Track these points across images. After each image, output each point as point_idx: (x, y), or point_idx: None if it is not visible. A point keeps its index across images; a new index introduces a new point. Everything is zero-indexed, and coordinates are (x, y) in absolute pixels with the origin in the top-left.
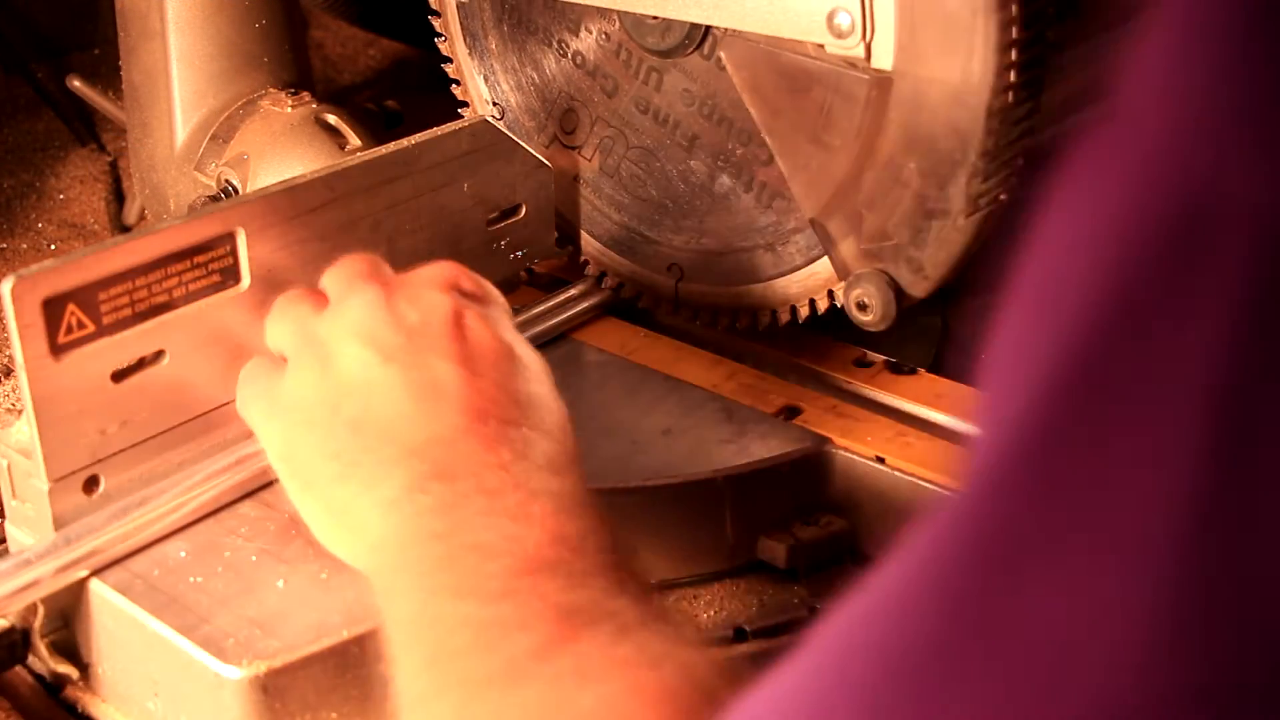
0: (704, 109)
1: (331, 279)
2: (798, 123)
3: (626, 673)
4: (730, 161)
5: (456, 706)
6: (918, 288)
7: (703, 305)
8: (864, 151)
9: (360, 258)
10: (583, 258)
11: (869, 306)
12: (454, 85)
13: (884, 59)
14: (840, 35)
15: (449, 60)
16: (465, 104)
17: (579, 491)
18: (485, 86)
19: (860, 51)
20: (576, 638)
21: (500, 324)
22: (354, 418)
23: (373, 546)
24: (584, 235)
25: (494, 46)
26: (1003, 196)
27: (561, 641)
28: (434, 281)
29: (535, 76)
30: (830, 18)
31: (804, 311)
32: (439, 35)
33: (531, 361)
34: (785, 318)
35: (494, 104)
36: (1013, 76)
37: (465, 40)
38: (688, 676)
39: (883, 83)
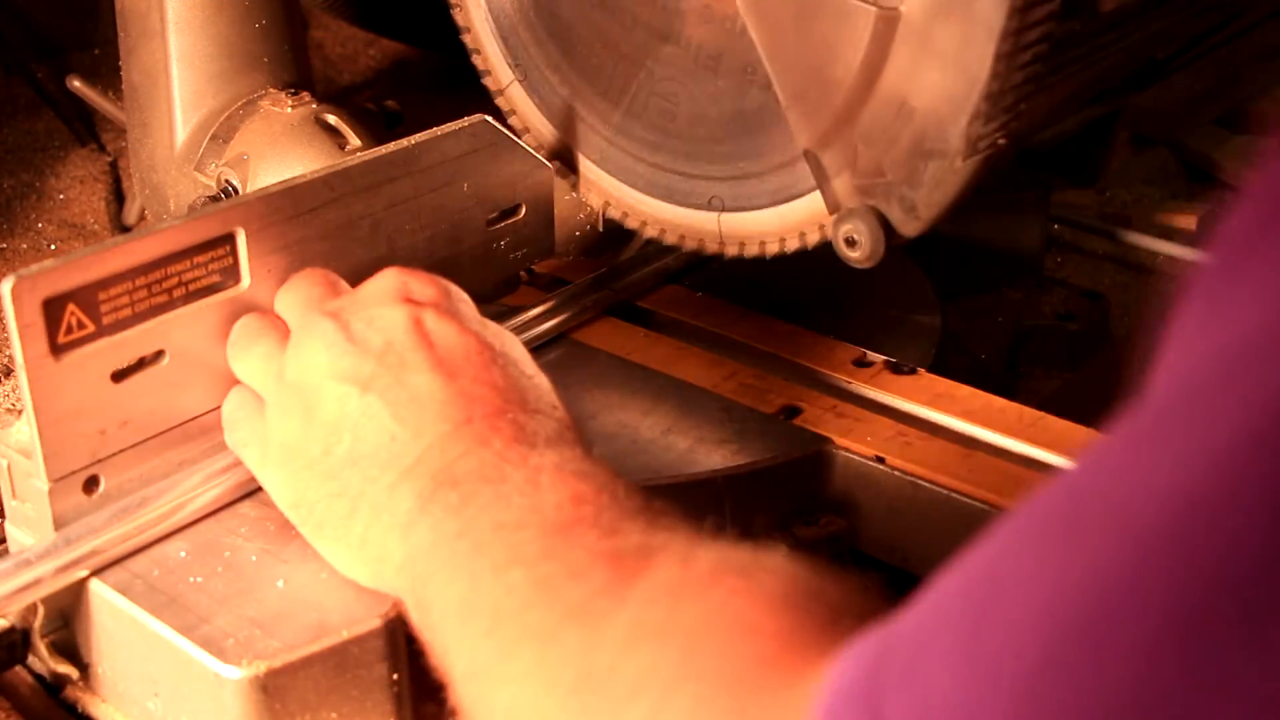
0: (725, 23)
1: (286, 305)
2: (800, 51)
3: (719, 583)
4: (758, 74)
5: (534, 657)
6: (909, 227)
7: (749, 236)
8: (865, 85)
9: (312, 278)
10: (623, 213)
11: (858, 243)
12: (474, 55)
13: None
14: None
15: (466, 29)
16: (487, 72)
17: (582, 456)
18: (505, 50)
19: None
20: (639, 570)
21: (461, 315)
22: (347, 453)
23: (399, 567)
24: (621, 187)
25: (510, 8)
26: (1001, 141)
27: (628, 576)
28: (384, 296)
29: (554, 28)
30: None
31: None
32: (454, 5)
33: (503, 345)
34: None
35: (516, 65)
36: (1024, 19)
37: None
38: (781, 579)
39: (890, 16)
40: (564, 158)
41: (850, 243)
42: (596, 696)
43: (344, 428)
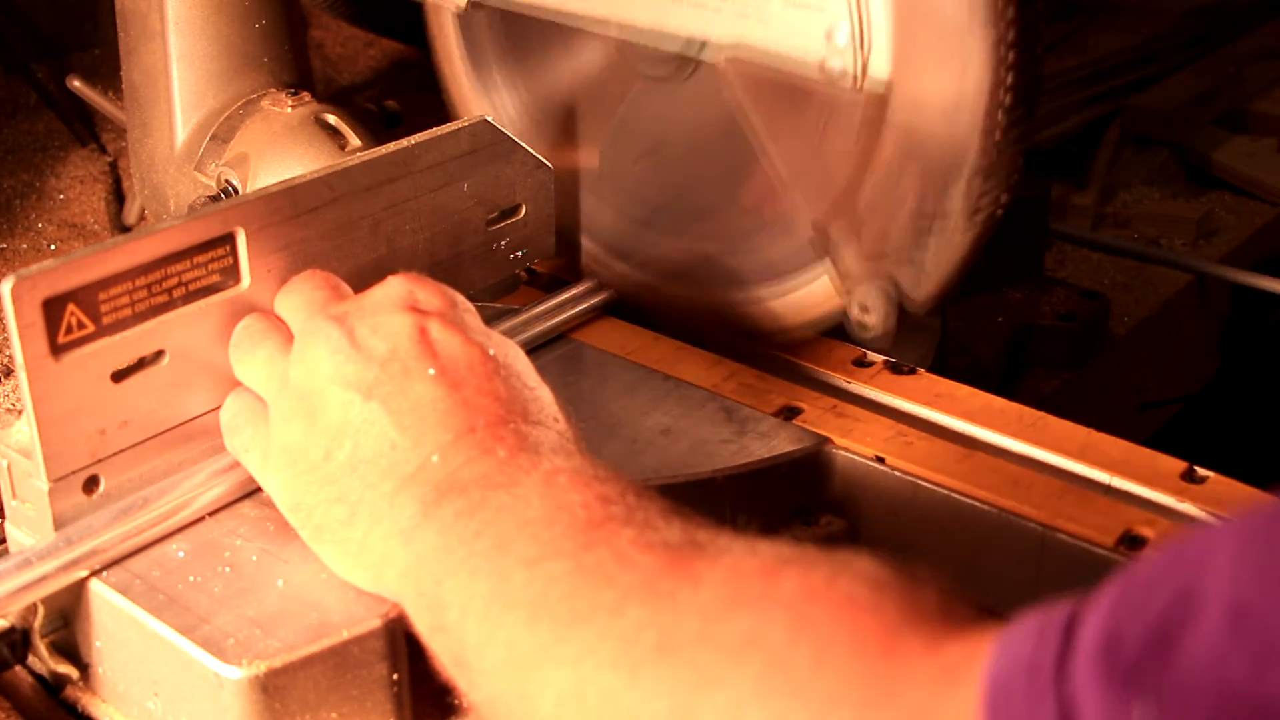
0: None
1: (289, 308)
2: (797, 133)
3: (812, 566)
4: None
5: (593, 635)
6: (919, 292)
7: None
8: (863, 160)
9: (314, 280)
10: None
11: (870, 312)
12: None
13: (880, 70)
14: (837, 52)
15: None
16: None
17: (593, 464)
18: (487, 103)
19: (857, 69)
20: (698, 557)
21: (466, 326)
22: (348, 459)
23: (402, 572)
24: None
25: (494, 63)
26: (1003, 200)
27: (688, 561)
28: (391, 303)
29: (534, 93)
30: (829, 35)
31: None
32: (435, 53)
33: (507, 357)
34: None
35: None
36: (1008, 83)
37: (466, 55)
38: (869, 564)
39: (880, 95)
40: None
41: (864, 311)
42: (682, 663)
43: (345, 434)
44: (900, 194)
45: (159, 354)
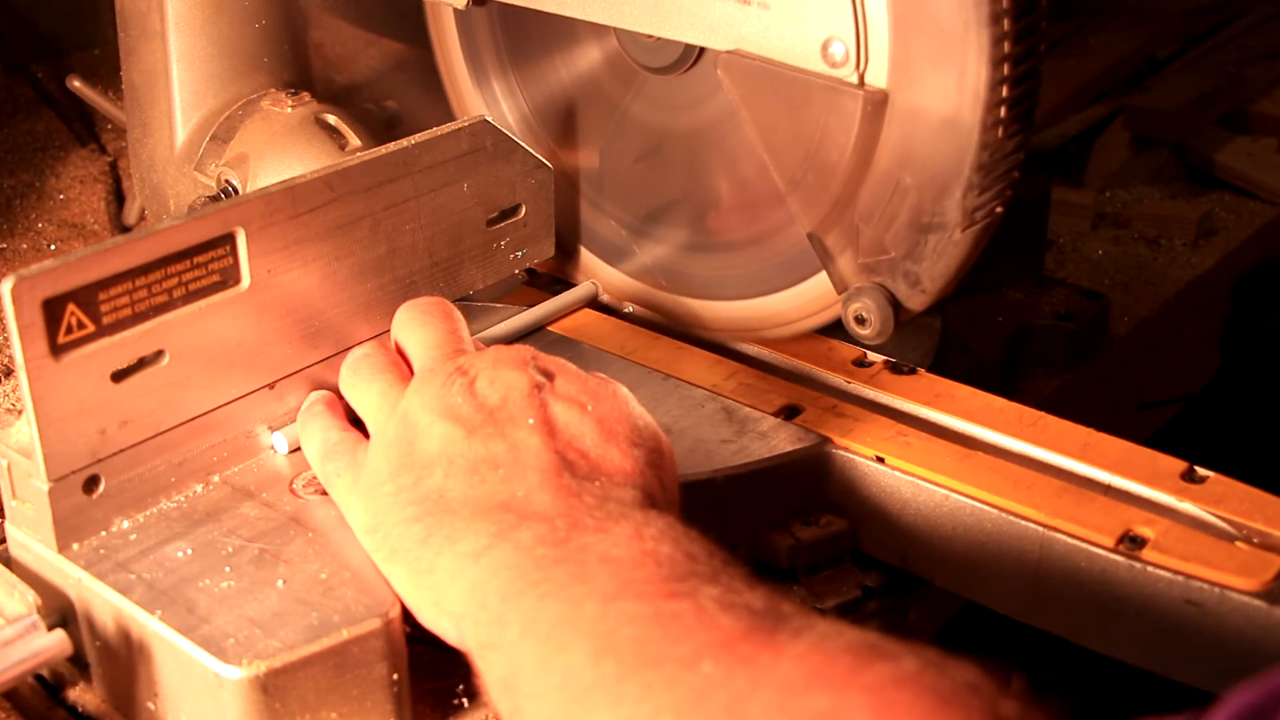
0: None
1: (416, 344)
2: (794, 138)
3: (879, 662)
4: None
5: (660, 683)
6: (915, 301)
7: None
8: (860, 166)
9: (440, 318)
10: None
11: (867, 320)
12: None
13: (878, 80)
14: (834, 65)
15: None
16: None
17: (683, 524)
18: (482, 102)
19: (854, 79)
20: (782, 629)
21: (582, 390)
22: (436, 486)
23: (469, 587)
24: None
25: (491, 62)
26: (999, 209)
27: (770, 630)
28: (512, 360)
29: (533, 92)
30: (824, 47)
31: None
32: (433, 52)
33: (615, 422)
34: None
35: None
36: (1006, 91)
37: (465, 55)
38: (946, 676)
39: (878, 99)
40: None
41: (860, 321)
42: None
43: (439, 464)
44: (896, 202)
45: (159, 354)
